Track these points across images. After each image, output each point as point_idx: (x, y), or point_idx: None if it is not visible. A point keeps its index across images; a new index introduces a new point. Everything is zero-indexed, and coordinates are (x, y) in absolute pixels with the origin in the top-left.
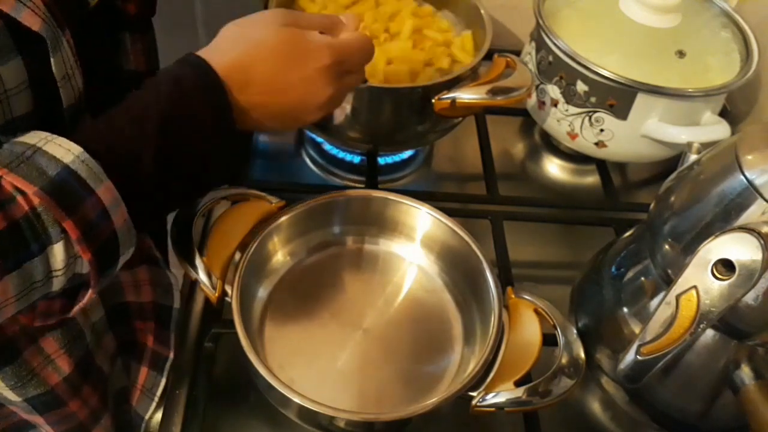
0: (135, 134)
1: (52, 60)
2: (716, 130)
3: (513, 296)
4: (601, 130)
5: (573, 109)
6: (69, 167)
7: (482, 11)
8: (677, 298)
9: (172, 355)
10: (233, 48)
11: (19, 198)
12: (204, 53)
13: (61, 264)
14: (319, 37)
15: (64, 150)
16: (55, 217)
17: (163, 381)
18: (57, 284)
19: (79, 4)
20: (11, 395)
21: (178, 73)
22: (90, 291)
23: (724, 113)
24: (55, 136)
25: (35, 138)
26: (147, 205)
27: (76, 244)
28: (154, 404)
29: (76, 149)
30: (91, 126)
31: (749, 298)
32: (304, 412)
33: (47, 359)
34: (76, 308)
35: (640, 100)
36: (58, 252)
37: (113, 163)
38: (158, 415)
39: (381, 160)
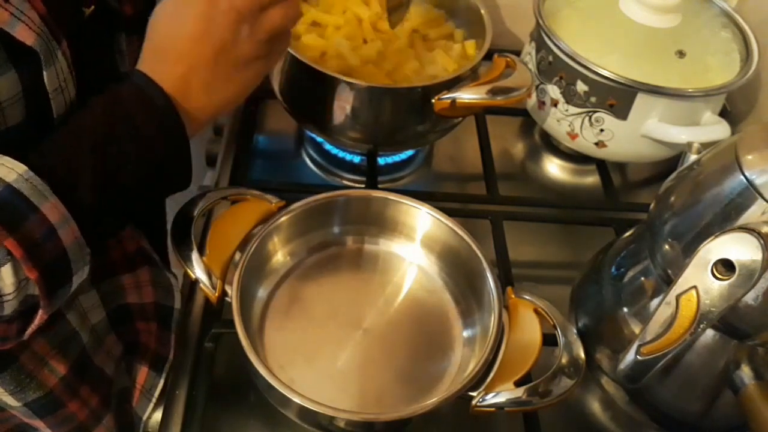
0: (72, 147)
1: (45, 73)
2: (716, 130)
3: (513, 296)
4: (601, 130)
5: (573, 109)
6: (11, 186)
7: (482, 11)
8: (677, 298)
9: (172, 356)
10: (144, 46)
11: None
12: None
13: (11, 287)
14: None
15: (8, 169)
16: None
17: (162, 382)
18: (8, 308)
19: (75, 12)
20: (11, 400)
21: (113, 86)
22: (41, 312)
23: (724, 113)
24: (1, 156)
25: None
26: (96, 220)
27: (22, 263)
28: (152, 405)
29: (20, 168)
30: (41, 144)
31: (749, 298)
32: (304, 412)
33: (42, 361)
34: (29, 331)
35: (640, 100)
36: (6, 275)
37: (56, 180)
38: (156, 416)
39: (381, 160)
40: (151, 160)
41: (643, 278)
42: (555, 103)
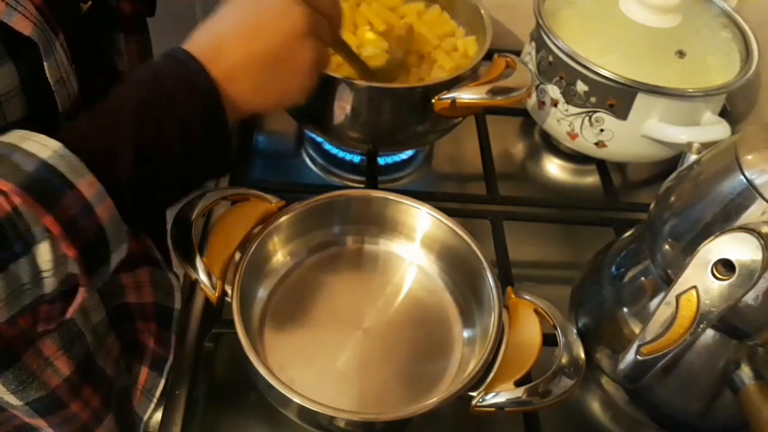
0: (111, 125)
1: (45, 64)
2: (716, 130)
3: (513, 296)
4: (601, 130)
5: (573, 109)
6: (46, 162)
7: (482, 11)
8: (677, 298)
9: (172, 357)
10: (199, 31)
11: (1, 198)
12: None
13: (49, 264)
14: None
15: (41, 146)
16: (36, 215)
17: (162, 382)
18: (48, 286)
19: (73, 7)
20: (12, 399)
21: (153, 63)
22: (81, 291)
23: (724, 113)
24: (33, 133)
25: (12, 137)
26: (135, 197)
27: (60, 241)
28: (152, 405)
29: (54, 144)
30: (71, 124)
31: (749, 298)
32: (304, 412)
33: (46, 361)
34: (71, 309)
35: (640, 100)
36: (43, 252)
37: (93, 157)
38: (157, 416)
39: (381, 160)
40: (190, 143)
41: (643, 278)
42: (555, 103)
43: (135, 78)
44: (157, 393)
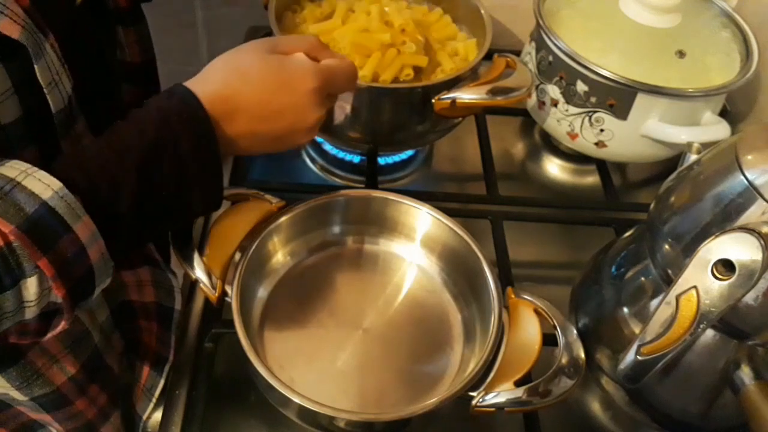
0: (116, 168)
1: (36, 67)
2: (716, 130)
3: (513, 296)
4: (601, 130)
5: (573, 109)
6: (47, 204)
7: (482, 11)
8: (677, 298)
9: (172, 357)
10: (219, 78)
11: None
12: (191, 84)
13: (34, 296)
14: (304, 60)
15: (44, 185)
16: (31, 257)
17: (162, 382)
18: (29, 314)
19: (64, 4)
20: (17, 395)
21: (163, 105)
22: (64, 322)
23: (724, 113)
24: (35, 168)
25: (15, 171)
26: (126, 237)
27: (51, 281)
28: (151, 405)
29: (56, 184)
30: (74, 155)
31: (749, 298)
32: (304, 412)
33: (52, 359)
34: (50, 335)
35: (640, 100)
36: (31, 285)
37: (93, 196)
38: (156, 416)
39: (381, 160)
40: (187, 182)
41: (643, 278)
42: (555, 103)
43: (142, 118)
44: (156, 393)
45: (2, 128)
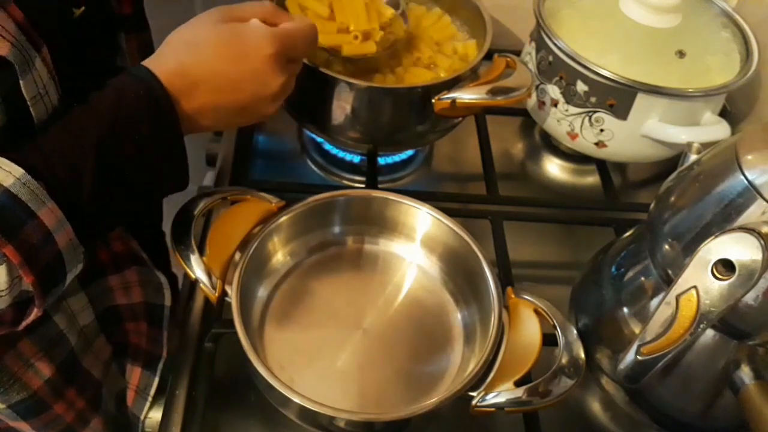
0: (74, 151)
1: (21, 82)
2: (716, 130)
3: (513, 296)
4: (601, 130)
5: (573, 109)
6: (9, 191)
7: (482, 11)
8: (677, 298)
9: (165, 354)
10: (173, 54)
11: None
12: (147, 63)
13: (4, 285)
14: (259, 27)
15: (5, 173)
16: None
17: (156, 380)
18: (2, 303)
19: (61, 16)
20: None
21: (119, 85)
22: (35, 309)
23: (724, 113)
24: None
25: None
26: (93, 220)
27: (19, 269)
28: (148, 404)
29: (18, 171)
30: (35, 144)
31: (749, 298)
32: (304, 412)
33: (27, 363)
34: (23, 324)
35: (640, 100)
36: (0, 275)
37: (55, 182)
38: (155, 415)
39: (381, 160)
40: (149, 164)
41: (643, 278)
42: (555, 103)
43: (99, 99)
44: (152, 391)
45: None
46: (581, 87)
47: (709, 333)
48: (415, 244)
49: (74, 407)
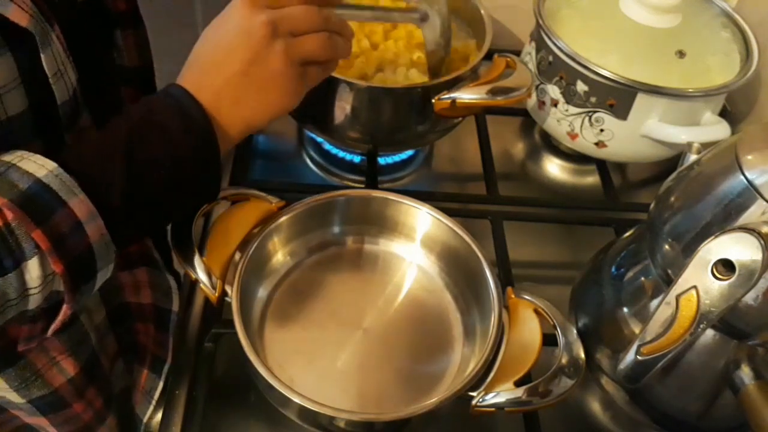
0: (106, 148)
1: (42, 56)
2: (716, 130)
3: (513, 296)
4: (601, 130)
5: (573, 109)
6: (41, 180)
7: (482, 11)
8: (677, 298)
9: (170, 359)
10: (187, 62)
11: None
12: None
13: (37, 281)
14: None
15: (38, 165)
16: (26, 229)
17: (161, 384)
18: (33, 302)
19: (68, 1)
20: (15, 397)
21: (148, 96)
22: (65, 308)
23: (724, 113)
24: (32, 154)
25: (11, 156)
26: (125, 220)
27: (48, 256)
28: (151, 407)
29: (50, 164)
30: (71, 145)
31: (749, 298)
32: (304, 412)
33: (52, 361)
34: (54, 326)
35: (640, 100)
36: (33, 268)
37: (86, 178)
38: (157, 417)
39: (381, 160)
40: (181, 171)
41: (643, 278)
42: (555, 103)
43: (130, 109)
44: (156, 395)
45: (8, 120)
46: (581, 87)
47: (709, 333)
48: (415, 244)
49: (93, 406)
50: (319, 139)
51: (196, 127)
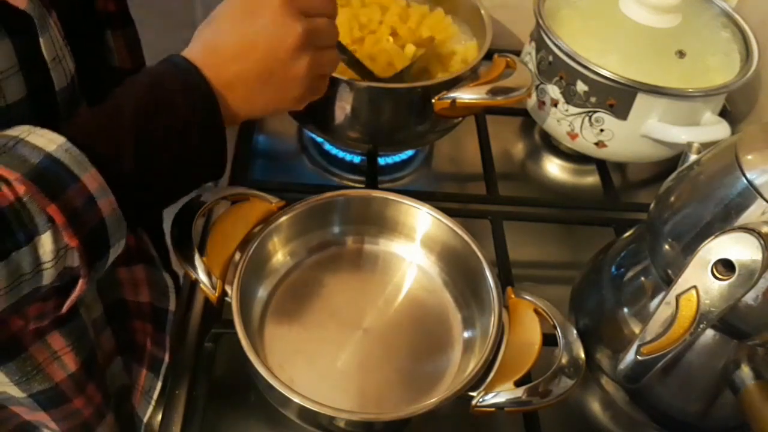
0: (113, 125)
1: (41, 40)
2: (716, 130)
3: (513, 296)
4: (601, 130)
5: (573, 109)
6: (52, 155)
7: (482, 11)
8: (677, 298)
9: (167, 359)
10: (198, 36)
11: (4, 188)
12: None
13: (51, 255)
14: None
15: (47, 140)
16: (40, 204)
17: (159, 384)
18: (47, 277)
19: None
20: (16, 391)
21: (151, 70)
22: (81, 283)
23: (724, 113)
24: (38, 128)
25: (18, 130)
26: (135, 195)
27: (63, 231)
28: (151, 407)
29: (59, 139)
30: (72, 121)
31: (749, 298)
32: (304, 412)
33: (54, 355)
34: (69, 302)
35: (640, 100)
36: (46, 242)
37: (95, 153)
38: (157, 417)
39: (381, 160)
40: (188, 144)
41: (643, 278)
42: (555, 103)
43: (135, 81)
44: (155, 395)
45: (7, 107)
46: (581, 87)
47: (709, 333)
48: (415, 244)
49: (92, 402)
50: (319, 139)
51: (204, 105)
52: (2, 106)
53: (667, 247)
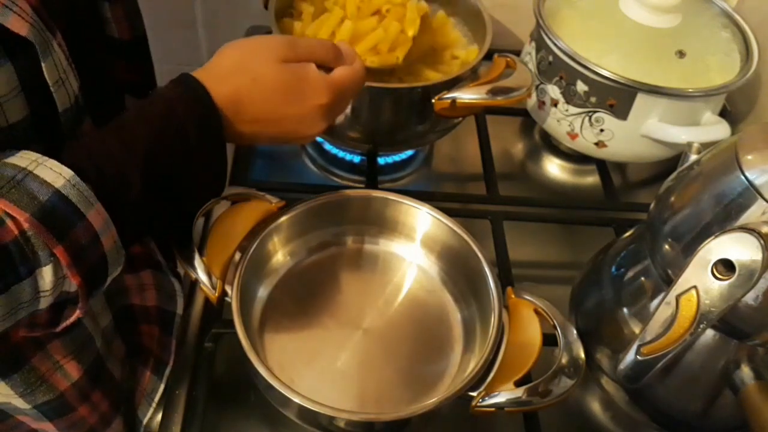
0: (124, 157)
1: (43, 65)
2: (716, 130)
3: (513, 296)
4: (601, 130)
5: (573, 109)
6: (60, 192)
7: (482, 11)
8: (677, 298)
9: (171, 362)
10: (231, 79)
11: (9, 222)
12: (201, 76)
13: (50, 285)
14: (317, 75)
15: (55, 174)
16: (47, 245)
17: (162, 387)
18: (44, 303)
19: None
20: (20, 402)
21: (171, 96)
22: (78, 311)
23: (724, 113)
24: (45, 158)
25: (26, 160)
26: (135, 225)
27: (66, 269)
28: (152, 409)
29: (67, 173)
30: (81, 145)
31: (749, 298)
32: (304, 412)
33: (56, 365)
34: (63, 325)
35: (640, 100)
36: (46, 274)
37: (103, 185)
38: (157, 419)
39: (381, 160)
40: (194, 172)
41: (643, 278)
42: (555, 103)
43: (148, 110)
44: (157, 397)
45: (10, 127)
46: (581, 87)
47: (709, 333)
48: (415, 244)
49: (98, 410)
50: (319, 139)
51: (213, 149)
52: (4, 126)
53: (667, 247)
